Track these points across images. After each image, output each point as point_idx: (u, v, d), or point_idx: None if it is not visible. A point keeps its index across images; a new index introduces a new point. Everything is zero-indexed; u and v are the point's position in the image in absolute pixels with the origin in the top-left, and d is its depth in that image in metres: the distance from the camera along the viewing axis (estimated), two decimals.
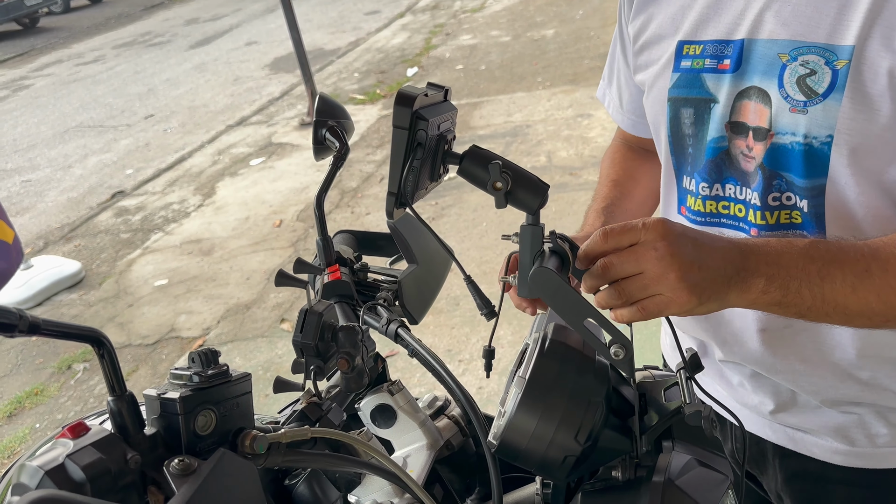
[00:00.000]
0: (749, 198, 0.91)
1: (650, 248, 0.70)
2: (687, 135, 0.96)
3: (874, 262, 0.73)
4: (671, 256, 0.69)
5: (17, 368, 3.90)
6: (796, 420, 1.01)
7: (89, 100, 9.71)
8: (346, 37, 10.68)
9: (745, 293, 0.73)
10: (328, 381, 0.97)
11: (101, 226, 5.60)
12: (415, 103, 0.71)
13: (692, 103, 0.93)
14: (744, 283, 0.72)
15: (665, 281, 0.69)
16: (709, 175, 0.95)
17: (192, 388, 0.66)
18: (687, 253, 0.70)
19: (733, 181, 0.93)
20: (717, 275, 0.71)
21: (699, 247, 0.71)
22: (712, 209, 0.96)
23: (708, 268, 0.70)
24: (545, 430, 0.74)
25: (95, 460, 0.60)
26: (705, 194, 0.96)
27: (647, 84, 1.02)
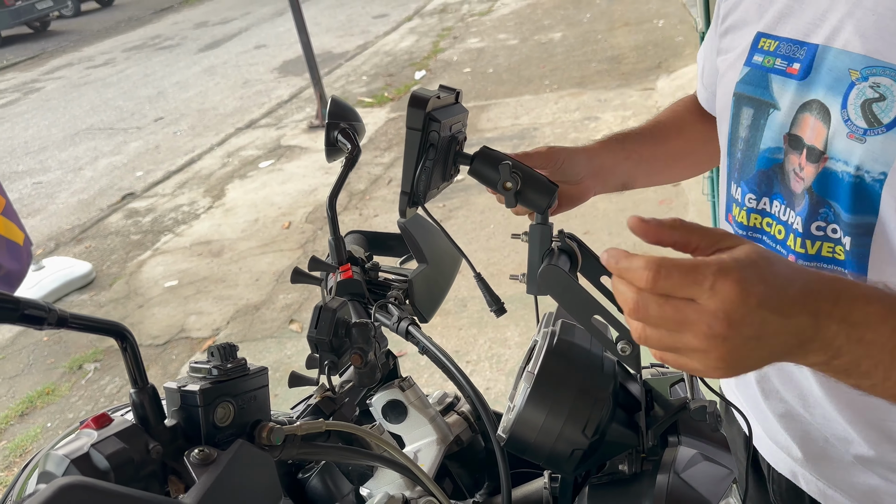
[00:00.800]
0: (792, 221, 0.82)
1: (706, 322, 0.54)
2: (741, 138, 0.88)
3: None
4: (724, 341, 0.55)
5: (29, 368, 3.94)
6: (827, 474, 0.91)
7: (99, 103, 9.78)
8: (354, 40, 10.72)
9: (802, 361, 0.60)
10: (341, 376, 0.99)
11: (112, 227, 5.65)
12: (428, 105, 0.73)
13: (753, 104, 0.86)
14: (802, 356, 0.59)
15: (704, 356, 0.57)
16: (758, 187, 0.86)
17: (212, 380, 0.68)
18: (748, 336, 0.55)
19: (780, 199, 0.84)
20: (770, 356, 0.58)
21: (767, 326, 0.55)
22: (756, 223, 0.88)
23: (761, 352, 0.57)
24: (553, 424, 0.76)
25: (119, 450, 0.62)
26: (751, 206, 0.88)
27: (721, 71, 0.95)
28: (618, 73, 6.83)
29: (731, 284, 0.53)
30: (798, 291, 0.57)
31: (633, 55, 7.29)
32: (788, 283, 0.57)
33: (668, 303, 0.55)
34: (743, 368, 0.58)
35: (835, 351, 0.58)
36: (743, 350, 0.56)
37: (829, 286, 0.58)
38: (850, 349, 0.58)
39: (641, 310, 0.56)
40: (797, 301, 0.56)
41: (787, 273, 0.58)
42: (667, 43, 7.44)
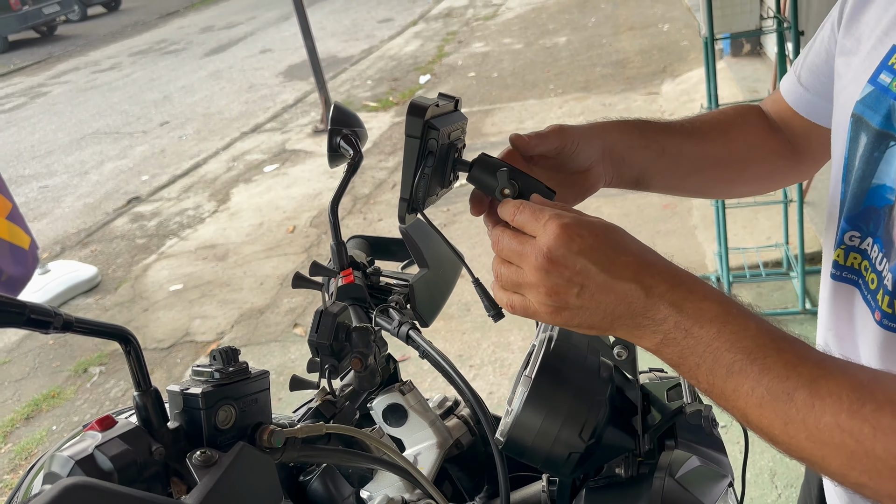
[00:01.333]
0: (884, 273, 0.72)
1: (534, 253, 0.62)
2: (855, 167, 0.76)
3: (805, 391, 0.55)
4: (547, 274, 0.61)
5: (35, 371, 3.96)
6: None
7: (105, 107, 9.84)
8: (359, 45, 10.76)
9: (636, 339, 0.63)
10: (342, 380, 1.00)
11: (117, 231, 5.68)
12: (426, 113, 0.74)
13: (870, 132, 0.73)
14: (636, 332, 0.62)
15: (535, 292, 0.63)
16: (864, 225, 0.76)
17: (214, 384, 0.69)
18: (568, 277, 0.61)
19: (880, 245, 0.73)
20: (598, 313, 0.62)
21: (589, 276, 0.61)
22: (854, 264, 0.78)
23: (589, 304, 0.61)
24: (551, 427, 0.76)
25: (122, 451, 0.64)
26: (852, 244, 0.78)
27: (841, 77, 0.81)
28: (622, 77, 6.85)
29: (557, 226, 0.62)
30: (633, 259, 0.62)
31: (637, 59, 7.31)
32: (624, 249, 0.62)
33: (516, 237, 0.65)
34: (573, 317, 0.63)
35: (664, 335, 0.60)
36: (566, 293, 0.61)
37: (670, 271, 0.62)
38: (678, 339, 0.60)
39: (498, 241, 0.66)
40: (628, 266, 0.61)
41: (628, 243, 0.63)
42: (672, 47, 7.45)
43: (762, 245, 3.54)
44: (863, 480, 0.53)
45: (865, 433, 0.52)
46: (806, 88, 0.93)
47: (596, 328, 0.64)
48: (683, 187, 1.00)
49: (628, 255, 0.62)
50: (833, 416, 0.53)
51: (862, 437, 0.52)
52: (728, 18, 2.86)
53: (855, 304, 0.78)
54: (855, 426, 0.52)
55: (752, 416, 0.58)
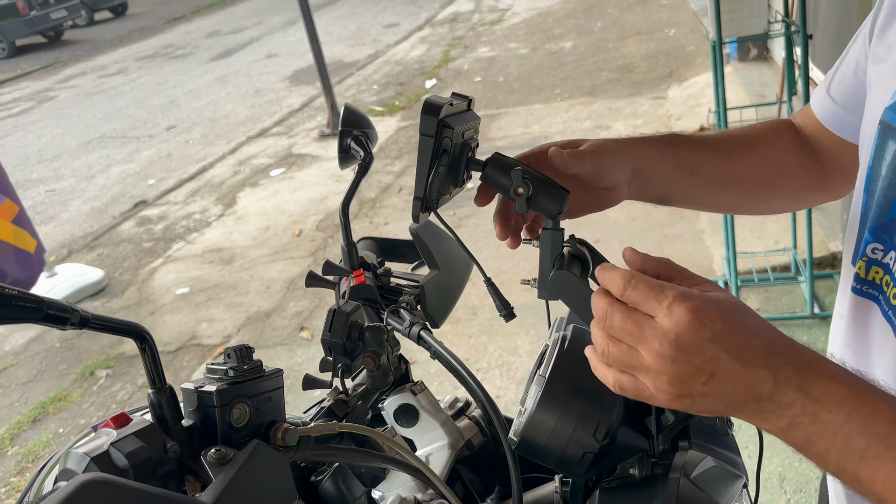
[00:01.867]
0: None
1: (658, 339, 0.57)
2: (881, 176, 0.73)
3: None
4: (673, 362, 0.57)
5: (42, 374, 3.97)
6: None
7: (112, 111, 9.88)
8: (365, 49, 10.79)
9: (758, 422, 0.59)
10: (354, 379, 1.00)
11: (124, 235, 5.70)
12: (441, 112, 0.74)
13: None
14: (759, 415, 0.58)
15: (655, 378, 0.58)
16: (888, 237, 0.73)
17: (228, 381, 0.69)
18: (697, 366, 0.56)
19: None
20: (722, 400, 0.58)
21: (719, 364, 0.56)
22: (875, 278, 0.75)
23: (715, 392, 0.57)
24: (564, 427, 0.76)
25: (137, 448, 0.63)
26: (874, 258, 0.75)
27: (871, 86, 0.79)
28: (629, 81, 6.85)
29: (686, 310, 0.56)
30: (761, 344, 0.57)
31: (644, 64, 7.31)
32: (753, 333, 0.58)
33: (630, 315, 0.58)
34: (695, 403, 0.59)
35: (790, 420, 0.57)
36: (692, 381, 0.57)
37: (796, 352, 0.58)
38: (805, 424, 0.56)
39: (608, 318, 0.60)
40: (757, 353, 0.57)
41: (755, 325, 0.58)
42: (678, 52, 7.45)
43: (770, 249, 3.53)
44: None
45: None
46: (834, 101, 0.90)
47: (717, 413, 0.60)
48: (709, 203, 0.98)
49: (757, 339, 0.57)
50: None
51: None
52: (736, 22, 2.86)
53: (874, 320, 0.76)
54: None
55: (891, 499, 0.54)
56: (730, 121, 3.06)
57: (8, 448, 3.42)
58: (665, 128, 5.55)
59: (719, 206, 1.00)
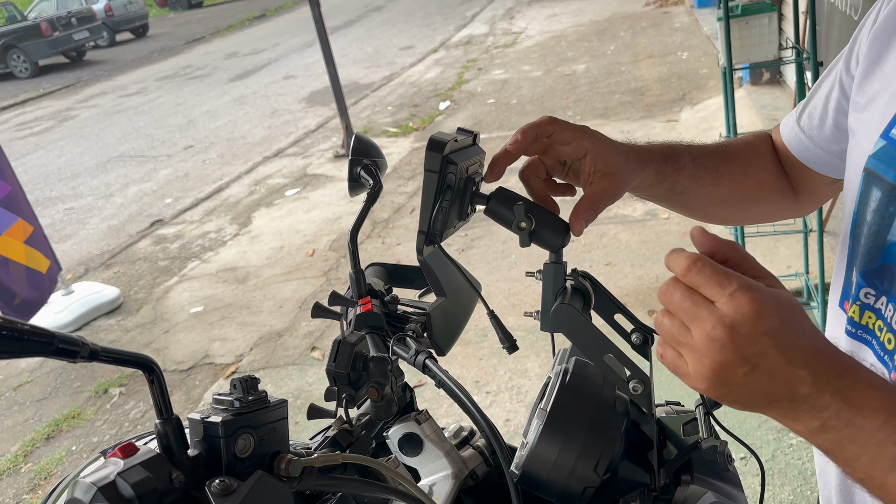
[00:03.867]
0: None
1: (712, 322, 0.57)
2: (867, 222, 0.75)
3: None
4: (721, 347, 0.57)
5: (56, 391, 4.01)
6: None
7: (131, 130, 10.02)
8: (380, 71, 10.89)
9: (789, 423, 0.60)
10: (358, 409, 1.01)
11: (140, 253, 5.75)
12: (445, 149, 0.75)
13: (884, 187, 0.73)
14: (791, 414, 0.59)
15: (698, 359, 0.59)
16: (879, 282, 0.74)
17: (234, 412, 0.71)
18: (744, 356, 0.57)
19: (895, 303, 0.72)
20: (758, 394, 0.59)
21: (766, 357, 0.57)
22: (868, 323, 0.77)
23: (753, 384, 0.58)
24: (566, 460, 0.77)
25: (143, 479, 0.65)
26: (867, 303, 0.76)
27: (854, 133, 0.82)
28: (641, 104, 6.86)
29: (749, 300, 0.57)
30: (808, 346, 0.58)
31: (656, 87, 7.33)
32: (803, 334, 0.59)
33: (690, 295, 0.59)
34: (729, 393, 0.59)
35: (822, 422, 0.58)
36: (735, 370, 0.58)
37: (838, 358, 0.59)
38: (838, 427, 0.57)
39: (668, 293, 0.61)
40: (804, 353, 0.58)
41: (805, 327, 0.59)
42: (691, 75, 7.47)
43: (782, 274, 3.51)
44: None
45: None
46: (802, 131, 0.94)
47: (748, 406, 0.61)
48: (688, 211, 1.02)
49: (805, 340, 0.58)
50: None
51: None
52: (747, 49, 2.87)
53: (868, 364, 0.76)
54: None
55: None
56: None
57: (21, 465, 3.45)
58: None
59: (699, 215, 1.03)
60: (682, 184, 0.92)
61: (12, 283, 3.86)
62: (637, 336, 0.83)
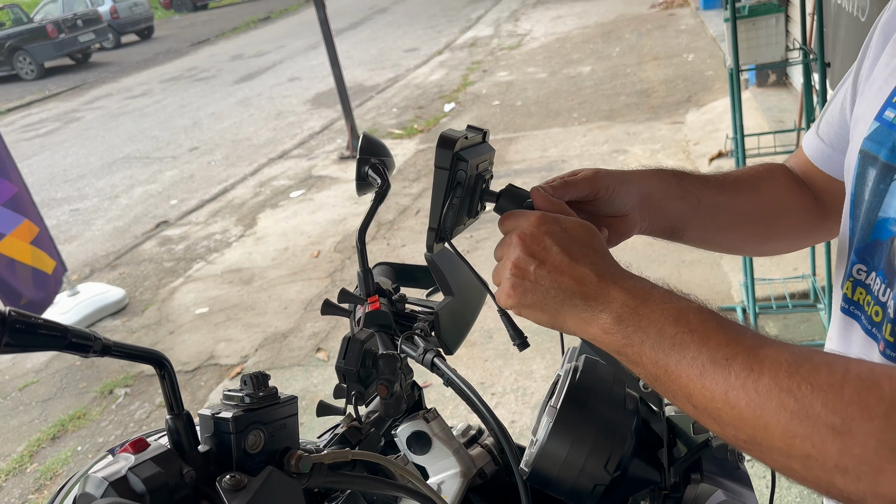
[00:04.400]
0: (888, 304, 0.73)
1: (517, 232, 0.70)
2: (863, 201, 0.78)
3: (744, 356, 0.57)
4: (513, 248, 0.70)
5: (62, 392, 4.01)
6: None
7: (137, 132, 10.05)
8: (385, 73, 10.91)
9: (584, 324, 0.67)
10: (367, 406, 1.01)
11: (145, 254, 5.77)
12: (455, 145, 0.75)
13: (878, 166, 0.75)
14: (585, 314, 0.66)
15: (504, 269, 0.70)
16: (870, 258, 0.77)
17: (244, 408, 0.71)
18: (531, 252, 0.69)
19: (882, 276, 0.74)
20: (550, 292, 0.68)
21: (550, 254, 0.68)
22: (859, 299, 0.79)
23: (543, 281, 0.67)
24: (576, 458, 0.77)
25: (154, 474, 0.65)
26: (859, 279, 0.79)
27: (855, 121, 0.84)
28: (647, 106, 6.86)
29: (539, 214, 0.71)
30: (593, 252, 0.69)
31: (662, 89, 7.32)
32: (589, 244, 0.70)
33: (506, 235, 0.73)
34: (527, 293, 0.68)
35: (612, 315, 0.64)
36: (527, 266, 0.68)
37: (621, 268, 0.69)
38: (625, 317, 0.64)
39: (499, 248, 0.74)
40: (586, 256, 0.68)
41: (595, 242, 0.71)
42: (696, 77, 7.46)
43: (789, 276, 3.51)
44: (806, 450, 0.52)
45: (804, 390, 0.53)
46: (822, 140, 0.95)
47: (547, 310, 0.69)
48: (716, 241, 1.00)
49: (591, 249, 0.69)
50: (771, 377, 0.54)
51: (800, 395, 0.53)
52: (753, 50, 2.86)
53: (857, 339, 0.79)
54: (793, 385, 0.53)
55: (695, 391, 0.59)
56: (747, 147, 3.06)
57: (27, 465, 3.46)
58: (683, 153, 5.55)
59: (727, 244, 1.03)
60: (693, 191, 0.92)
61: (18, 283, 3.87)
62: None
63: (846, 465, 0.50)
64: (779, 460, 0.55)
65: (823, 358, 0.55)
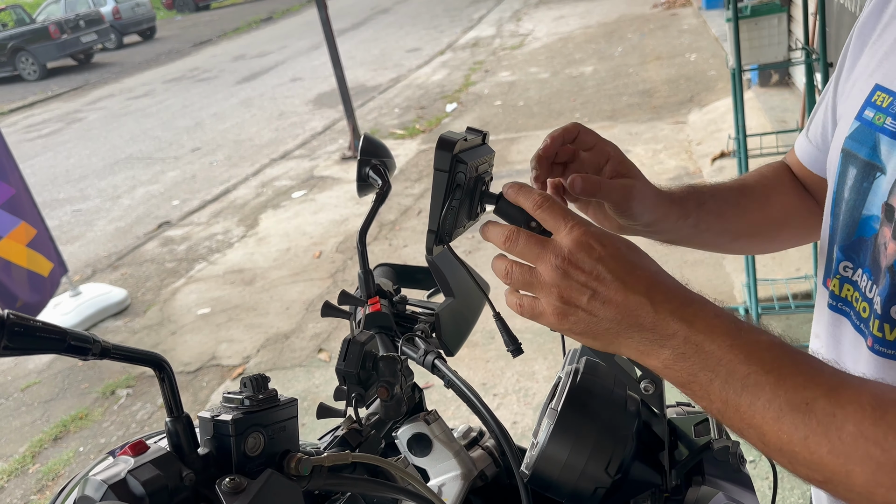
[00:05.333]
0: (874, 299, 0.73)
1: (554, 254, 0.63)
2: (845, 199, 0.79)
3: (825, 400, 0.53)
4: (564, 276, 0.62)
5: (64, 392, 4.02)
6: None
7: (139, 132, 10.05)
8: (387, 73, 10.90)
9: (643, 356, 0.62)
10: (368, 408, 1.01)
11: (147, 255, 5.77)
12: (455, 148, 0.75)
13: (859, 164, 0.76)
14: (642, 346, 0.62)
15: (548, 292, 0.63)
16: (856, 255, 0.77)
17: (244, 411, 0.70)
18: (584, 282, 0.62)
19: (868, 273, 0.75)
20: (604, 322, 0.62)
21: (604, 283, 0.61)
22: (847, 295, 0.79)
23: (598, 311, 0.62)
24: (577, 460, 0.76)
25: (154, 476, 0.65)
26: (845, 276, 0.79)
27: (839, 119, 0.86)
28: (649, 106, 6.85)
29: (583, 231, 0.63)
30: (647, 275, 0.62)
31: (664, 89, 7.31)
32: (641, 266, 0.63)
33: (533, 237, 0.65)
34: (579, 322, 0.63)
35: (672, 351, 0.60)
36: (579, 297, 0.62)
37: (682, 291, 0.62)
38: (688, 354, 0.59)
39: (512, 238, 0.66)
40: (641, 282, 0.61)
41: (645, 260, 0.64)
42: (699, 77, 7.45)
43: (791, 276, 3.50)
44: (890, 499, 0.50)
45: (891, 441, 0.50)
46: (811, 143, 0.96)
47: (601, 339, 0.64)
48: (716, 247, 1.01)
49: (643, 271, 0.63)
50: (856, 424, 0.51)
51: (887, 446, 0.50)
52: (756, 50, 2.86)
53: (848, 335, 0.79)
54: (879, 434, 0.50)
55: (770, 433, 0.55)
56: (750, 147, 3.06)
57: (29, 466, 3.46)
58: (685, 153, 5.54)
59: (727, 250, 1.04)
60: (707, 220, 0.92)
61: (14, 286, 3.88)
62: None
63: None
64: (855, 500, 0.53)
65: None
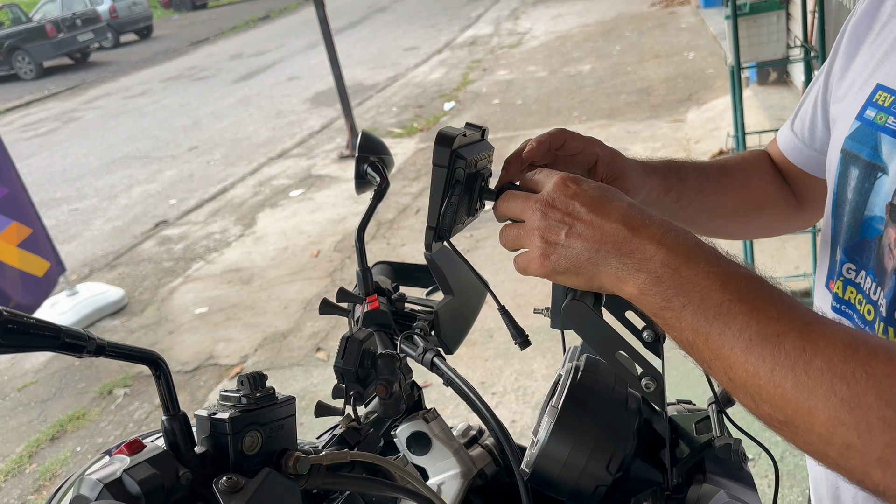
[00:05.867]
0: (879, 302, 0.72)
1: (536, 199, 0.67)
2: (847, 200, 0.78)
3: (796, 334, 0.53)
4: (543, 216, 0.65)
5: (61, 392, 4.00)
6: None
7: (136, 132, 10.03)
8: (385, 72, 10.89)
9: (620, 283, 0.62)
10: (366, 407, 1.00)
11: (145, 254, 5.76)
12: (454, 143, 0.74)
13: (860, 165, 0.76)
14: (620, 272, 0.62)
15: (532, 237, 0.66)
16: (859, 257, 0.77)
17: (241, 409, 0.70)
18: (559, 218, 0.64)
19: (873, 275, 0.74)
20: (583, 252, 0.63)
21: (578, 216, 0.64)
22: (850, 297, 0.79)
23: (574, 243, 0.63)
24: (577, 458, 0.76)
25: (150, 475, 0.64)
26: (849, 278, 0.78)
27: (834, 120, 0.85)
28: (647, 104, 6.85)
29: (560, 175, 0.67)
30: (623, 205, 0.64)
31: (662, 87, 7.31)
32: (617, 198, 0.65)
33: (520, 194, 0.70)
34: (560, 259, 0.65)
35: (648, 275, 0.59)
36: (556, 233, 0.64)
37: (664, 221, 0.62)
38: (664, 279, 0.59)
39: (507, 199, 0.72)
40: (617, 210, 0.63)
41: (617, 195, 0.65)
42: (697, 75, 7.45)
43: (790, 275, 3.50)
44: (850, 439, 0.49)
45: (858, 378, 0.49)
46: (795, 135, 0.96)
47: (583, 274, 0.64)
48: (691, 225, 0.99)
49: (619, 202, 0.64)
50: (824, 360, 0.51)
51: (853, 382, 0.49)
52: (754, 47, 2.86)
53: None
54: (847, 370, 0.50)
55: (737, 364, 0.54)
56: (748, 145, 3.05)
57: (26, 466, 3.45)
58: (684, 151, 5.54)
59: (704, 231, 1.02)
60: (688, 196, 0.92)
61: (7, 286, 3.87)
62: (648, 333, 0.82)
63: (889, 460, 0.48)
64: (814, 444, 0.52)
65: (879, 343, 0.51)
